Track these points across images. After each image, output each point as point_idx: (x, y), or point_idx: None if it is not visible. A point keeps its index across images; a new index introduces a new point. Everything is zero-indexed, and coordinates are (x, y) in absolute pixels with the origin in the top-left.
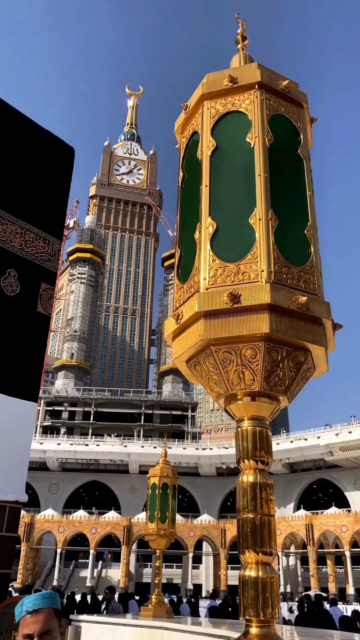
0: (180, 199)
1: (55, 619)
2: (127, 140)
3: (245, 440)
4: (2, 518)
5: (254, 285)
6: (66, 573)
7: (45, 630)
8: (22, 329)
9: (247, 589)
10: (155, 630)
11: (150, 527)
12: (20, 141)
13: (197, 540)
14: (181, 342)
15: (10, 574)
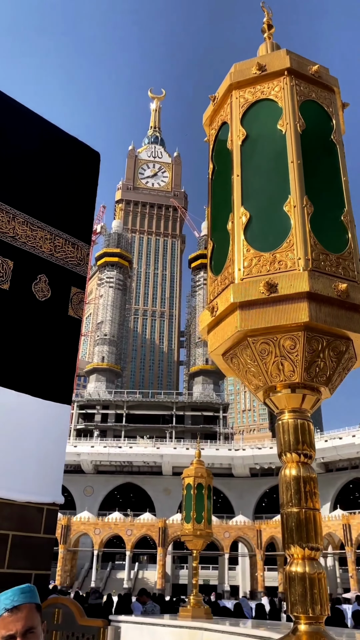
0: (211, 191)
1: (37, 615)
2: (151, 144)
3: (287, 433)
4: (39, 520)
5: (291, 273)
6: (103, 575)
7: (28, 628)
8: (54, 333)
9: (294, 585)
10: (194, 631)
11: (186, 527)
12: (47, 148)
13: (232, 541)
14: (217, 335)
15: (49, 575)
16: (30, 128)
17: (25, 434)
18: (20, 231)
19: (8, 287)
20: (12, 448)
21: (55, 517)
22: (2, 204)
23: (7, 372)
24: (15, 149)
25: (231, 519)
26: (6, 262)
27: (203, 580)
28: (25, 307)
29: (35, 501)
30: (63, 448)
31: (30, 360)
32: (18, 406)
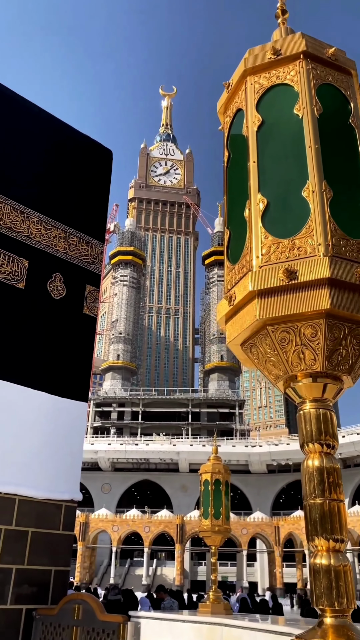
0: (227, 179)
1: None
2: (163, 141)
3: (309, 424)
4: (58, 517)
5: (311, 259)
6: (122, 571)
7: None
8: (70, 332)
9: (319, 578)
10: (214, 626)
11: (204, 523)
12: (59, 147)
13: (250, 537)
14: (235, 324)
15: (69, 571)
16: (42, 127)
17: (42, 432)
18: (35, 230)
19: (24, 286)
20: (29, 446)
21: (73, 514)
22: (16, 204)
23: (24, 371)
24: (28, 148)
25: (249, 515)
26: (21, 261)
27: (221, 577)
28: (40, 306)
29: (53, 498)
30: (80, 445)
31: (47, 359)
32: (34, 404)
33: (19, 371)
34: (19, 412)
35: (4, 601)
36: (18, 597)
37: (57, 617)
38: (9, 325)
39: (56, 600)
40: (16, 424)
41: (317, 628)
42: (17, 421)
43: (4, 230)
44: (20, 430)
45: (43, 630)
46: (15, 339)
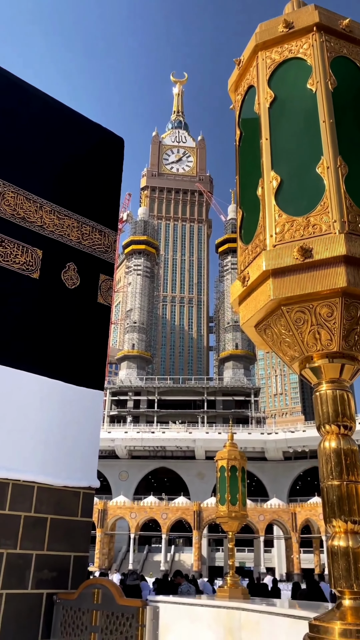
0: (239, 158)
1: None
2: (175, 129)
3: (325, 405)
4: (76, 504)
5: (327, 237)
6: (140, 557)
7: None
8: (85, 321)
9: (337, 560)
10: (232, 611)
11: (221, 509)
12: (70, 135)
13: (267, 524)
14: (249, 305)
15: (87, 557)
16: (53, 116)
17: (59, 420)
18: (48, 220)
19: (38, 276)
20: (46, 434)
21: (91, 501)
22: (29, 194)
23: (40, 360)
24: (39, 137)
25: (265, 502)
26: (35, 251)
27: (239, 563)
28: (55, 296)
29: (71, 485)
30: (97, 433)
31: (62, 348)
32: (51, 393)
33: (34, 360)
34: (35, 400)
35: (25, 586)
36: (39, 581)
37: (77, 601)
38: (25, 316)
39: (76, 585)
40: (32, 413)
41: (335, 610)
42: (34, 410)
43: (18, 220)
44: (37, 418)
45: (64, 614)
46: (31, 328)
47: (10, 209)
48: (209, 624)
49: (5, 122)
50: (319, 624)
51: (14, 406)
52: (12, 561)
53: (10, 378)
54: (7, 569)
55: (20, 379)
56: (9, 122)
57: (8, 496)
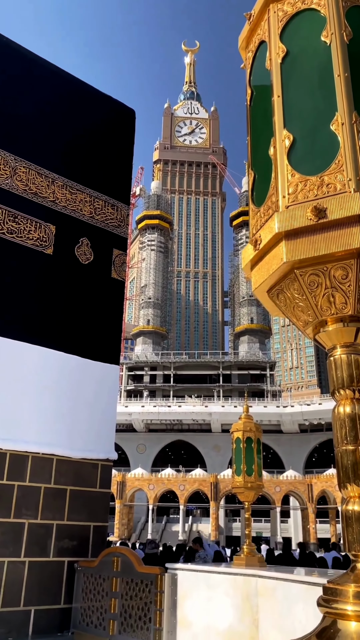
0: (250, 118)
1: None
2: (187, 100)
3: (340, 370)
4: (95, 475)
5: (341, 196)
6: (159, 528)
7: None
8: (99, 296)
9: (352, 524)
10: (249, 577)
11: (237, 480)
12: (81, 107)
13: (283, 495)
14: (261, 270)
15: (107, 527)
16: (63, 88)
17: (76, 395)
18: (60, 195)
19: (52, 251)
20: (64, 408)
21: (109, 472)
22: (40, 169)
23: (55, 335)
24: (50, 111)
25: (281, 474)
26: (48, 227)
27: (256, 533)
28: (69, 271)
29: (89, 457)
30: (114, 407)
31: (77, 323)
32: (68, 368)
33: (50, 335)
34: (52, 375)
35: (46, 554)
36: (60, 550)
37: (97, 569)
38: (40, 292)
39: (96, 554)
40: (49, 388)
41: (349, 573)
42: (50, 384)
43: (30, 196)
44: (53, 393)
45: (84, 581)
46: (46, 304)
47: (23, 184)
48: (226, 590)
49: (15, 96)
50: (333, 586)
51: (31, 381)
52: (34, 531)
53: (28, 353)
54: (29, 538)
55: (37, 354)
56: (18, 96)
57: (28, 468)
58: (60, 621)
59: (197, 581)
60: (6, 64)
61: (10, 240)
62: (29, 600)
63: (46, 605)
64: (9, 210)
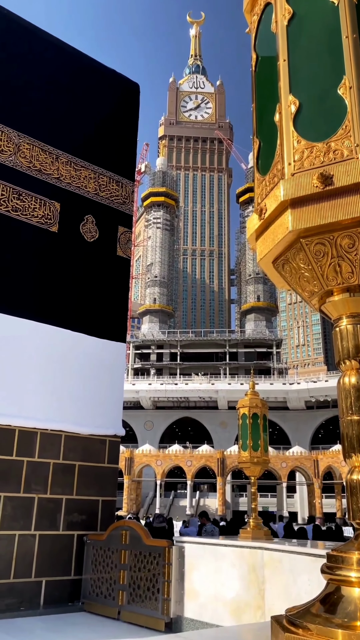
0: (255, 84)
1: None
2: (192, 74)
3: (345, 340)
4: (103, 451)
5: (349, 162)
6: (167, 502)
7: None
8: (104, 274)
9: (356, 493)
10: (255, 550)
11: (243, 455)
12: (84, 82)
13: (289, 471)
14: (266, 240)
15: (115, 501)
16: (66, 62)
17: (84, 372)
18: (65, 172)
19: (57, 229)
20: (72, 385)
21: (117, 448)
22: (44, 145)
23: (61, 313)
24: (53, 86)
25: (288, 450)
26: (53, 204)
27: (262, 507)
28: (74, 249)
29: (97, 434)
30: (121, 384)
31: (83, 301)
32: (75, 345)
33: (56, 313)
34: (57, 353)
35: (56, 527)
36: (69, 524)
37: (106, 542)
38: (45, 270)
39: (105, 527)
40: (56, 365)
41: (354, 541)
42: (57, 362)
43: (34, 173)
44: (61, 370)
45: (94, 553)
46: (52, 282)
47: (27, 161)
48: (232, 562)
49: (17, 71)
50: (337, 554)
51: (38, 359)
52: (43, 505)
53: (34, 331)
54: (39, 512)
55: (43, 332)
56: (20, 70)
57: (37, 445)
58: (71, 592)
59: (204, 553)
60: (8, 38)
61: (15, 218)
62: (40, 571)
63: (57, 576)
64: (13, 188)
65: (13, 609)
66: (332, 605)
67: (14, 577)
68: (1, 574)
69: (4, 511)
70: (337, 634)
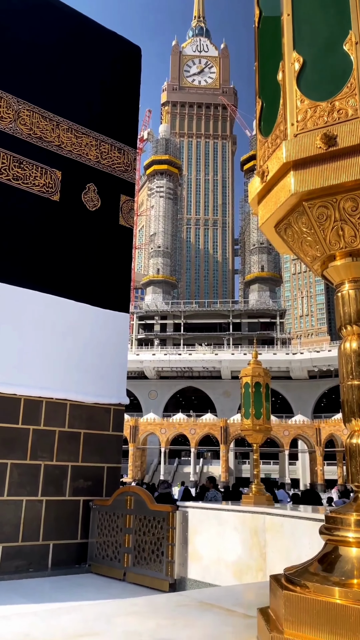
0: (258, 41)
1: None
2: (196, 36)
3: (347, 305)
4: (108, 419)
5: (353, 122)
6: (171, 469)
7: None
8: (107, 243)
9: (355, 456)
10: (257, 515)
11: (245, 423)
12: (84, 45)
13: (292, 439)
14: (268, 203)
15: (120, 468)
16: (66, 24)
17: (88, 341)
18: (65, 139)
19: (58, 198)
20: (76, 355)
21: (121, 417)
22: (44, 111)
23: (64, 283)
24: (52, 49)
25: (290, 419)
26: (54, 172)
27: (265, 474)
28: (76, 218)
29: (102, 402)
30: (124, 354)
31: (86, 271)
32: (78, 316)
33: (58, 284)
34: (62, 324)
35: (62, 493)
36: (75, 490)
37: (111, 507)
38: (47, 240)
39: (110, 493)
40: (60, 336)
41: (352, 503)
42: (61, 333)
43: (35, 140)
44: (65, 341)
45: (99, 518)
46: (53, 252)
47: (27, 128)
48: (235, 526)
49: (16, 34)
50: (335, 515)
51: (42, 329)
52: (50, 472)
53: (37, 301)
54: (46, 478)
55: (46, 302)
56: (16, 33)
57: (42, 413)
58: (78, 554)
59: (207, 518)
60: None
61: (16, 187)
62: (47, 535)
63: (64, 539)
64: (13, 156)
65: (22, 571)
66: (330, 564)
67: (22, 541)
68: (10, 537)
69: (11, 478)
70: (333, 591)
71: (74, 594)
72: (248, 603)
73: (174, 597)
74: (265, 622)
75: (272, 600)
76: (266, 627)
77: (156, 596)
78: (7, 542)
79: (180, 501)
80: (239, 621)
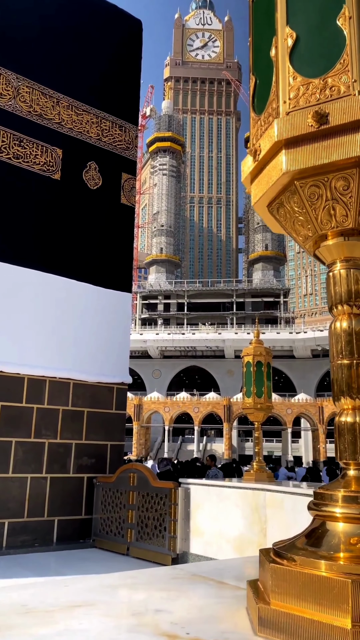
0: (252, 16)
1: None
2: (199, 9)
3: (338, 285)
4: (111, 398)
5: (345, 99)
6: (175, 447)
7: None
8: (109, 222)
9: (344, 435)
10: (258, 492)
11: (247, 401)
12: (83, 18)
13: (295, 417)
14: (260, 182)
15: (123, 446)
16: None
17: (90, 321)
18: (66, 116)
19: (59, 176)
20: (79, 334)
21: (124, 395)
22: (44, 88)
23: (66, 263)
24: (50, 23)
25: (293, 397)
26: (55, 150)
27: (267, 452)
28: (77, 197)
29: (105, 381)
30: (127, 333)
31: (88, 251)
32: (81, 295)
33: (60, 263)
34: (64, 303)
35: (66, 470)
36: (79, 467)
37: (114, 484)
38: (48, 218)
39: (113, 470)
40: (62, 315)
41: (340, 480)
42: (63, 312)
43: (35, 118)
44: (68, 320)
45: (103, 495)
46: (55, 231)
47: (27, 105)
48: (236, 502)
49: (14, 9)
50: (323, 491)
51: (44, 309)
52: (54, 449)
53: (39, 281)
54: (50, 456)
55: (48, 282)
56: (18, 9)
57: (46, 392)
58: (82, 530)
59: (209, 495)
60: None
61: (16, 166)
62: (52, 511)
63: (68, 515)
64: (13, 134)
65: (27, 545)
66: (317, 539)
67: (27, 517)
68: (15, 513)
69: (15, 455)
70: (319, 564)
71: (79, 568)
72: (241, 576)
73: (170, 570)
74: (253, 594)
75: (260, 573)
76: (254, 598)
77: (154, 569)
78: (13, 518)
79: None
80: (229, 593)
